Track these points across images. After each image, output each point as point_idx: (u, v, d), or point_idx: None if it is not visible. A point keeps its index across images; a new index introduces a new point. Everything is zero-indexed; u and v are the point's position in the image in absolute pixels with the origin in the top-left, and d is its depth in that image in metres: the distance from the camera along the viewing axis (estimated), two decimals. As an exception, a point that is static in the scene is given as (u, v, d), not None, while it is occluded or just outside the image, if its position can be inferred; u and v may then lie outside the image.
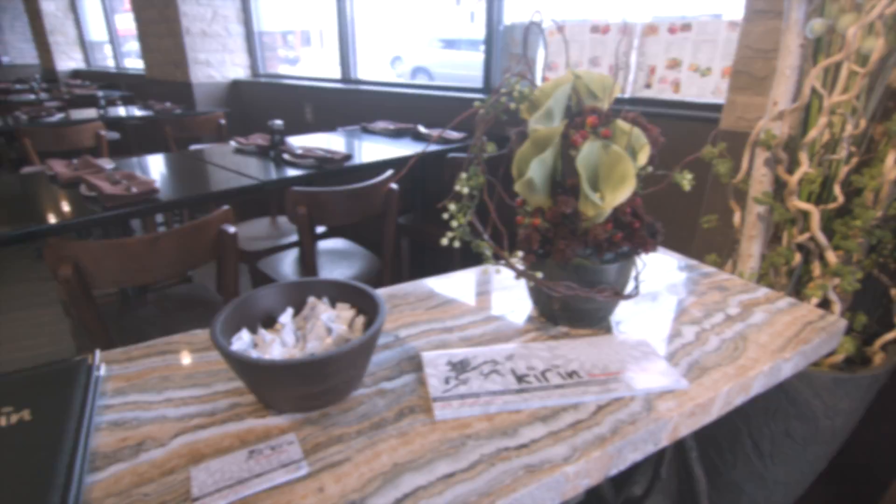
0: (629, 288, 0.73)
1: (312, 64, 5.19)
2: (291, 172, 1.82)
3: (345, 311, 0.62)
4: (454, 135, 2.42)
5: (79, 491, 0.45)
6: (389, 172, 1.69)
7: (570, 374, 0.62)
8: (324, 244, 2.07)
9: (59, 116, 3.24)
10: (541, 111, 0.64)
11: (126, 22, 5.96)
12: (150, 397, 0.58)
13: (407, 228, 2.35)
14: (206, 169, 1.91)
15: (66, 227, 1.30)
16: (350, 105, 3.27)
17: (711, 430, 1.32)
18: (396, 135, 2.56)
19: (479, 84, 2.73)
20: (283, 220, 2.42)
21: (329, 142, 2.38)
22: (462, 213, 0.64)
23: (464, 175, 0.64)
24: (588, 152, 0.63)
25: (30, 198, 1.53)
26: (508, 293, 0.84)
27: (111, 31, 6.02)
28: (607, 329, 0.75)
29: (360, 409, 0.56)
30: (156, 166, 1.93)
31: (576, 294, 0.65)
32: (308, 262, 1.62)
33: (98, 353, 0.62)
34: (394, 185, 1.69)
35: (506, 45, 2.62)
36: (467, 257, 2.43)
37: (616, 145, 0.64)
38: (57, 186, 1.58)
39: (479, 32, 2.71)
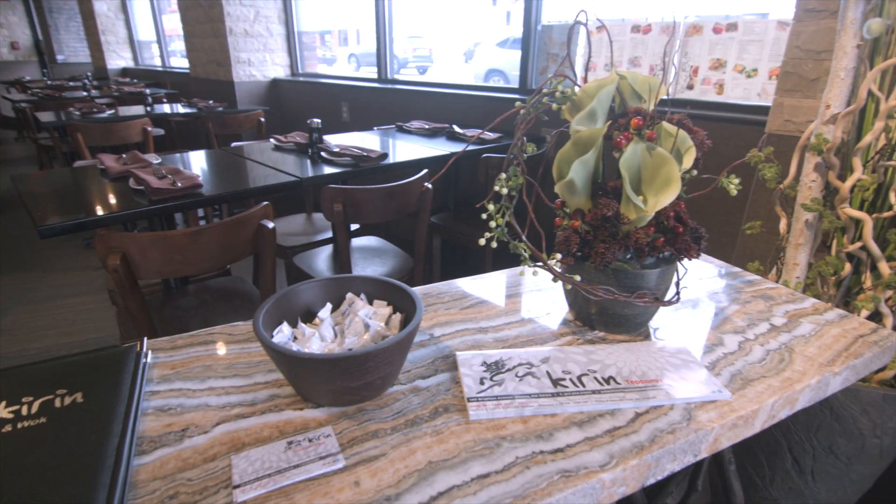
0: (669, 294, 0.71)
1: (348, 63, 5.27)
2: (328, 170, 1.85)
3: (382, 308, 0.62)
4: (489, 135, 2.42)
5: (127, 473, 0.47)
6: (424, 172, 1.70)
7: (607, 380, 0.61)
8: (357, 241, 2.10)
9: (108, 113, 3.38)
10: (583, 112, 0.63)
11: (173, 22, 6.18)
12: (194, 385, 0.60)
13: (439, 227, 2.35)
14: (247, 165, 1.96)
15: (115, 219, 1.36)
16: (386, 104, 3.31)
17: (749, 443, 1.28)
18: (431, 134, 2.57)
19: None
20: (318, 216, 2.47)
21: (365, 141, 2.41)
22: (501, 214, 0.63)
23: (503, 175, 0.64)
24: (631, 154, 0.61)
25: (81, 190, 1.61)
26: (543, 295, 0.84)
27: (159, 31, 6.25)
28: (645, 335, 0.73)
29: (396, 406, 0.56)
30: (198, 162, 1.99)
31: (615, 299, 0.64)
32: (343, 259, 1.65)
33: (146, 341, 0.64)
34: (428, 185, 1.70)
35: (543, 44, 2.60)
36: (499, 258, 2.42)
37: (661, 148, 0.62)
38: (107, 180, 1.65)
39: (516, 33, 2.70)
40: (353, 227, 2.36)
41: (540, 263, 0.66)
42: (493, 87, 2.88)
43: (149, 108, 3.58)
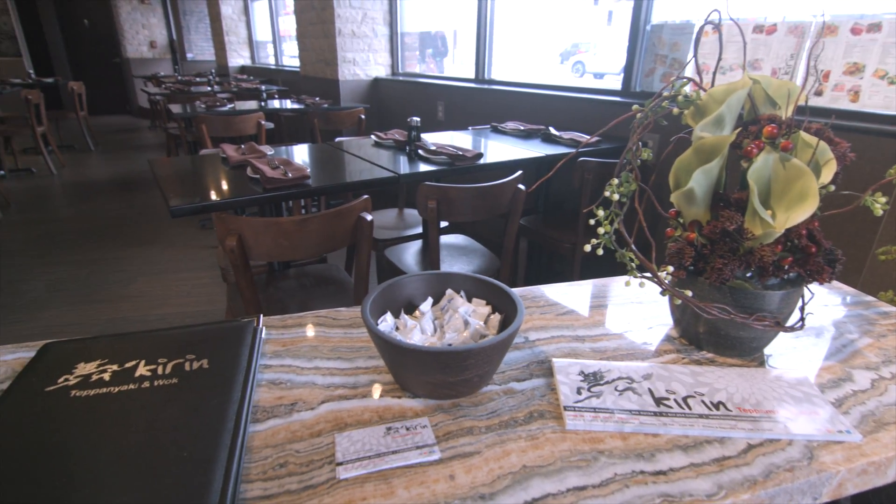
0: (792, 319, 0.65)
1: (444, 63, 5.34)
2: (424, 167, 1.89)
3: (481, 307, 0.63)
4: (586, 138, 2.35)
5: (244, 437, 0.51)
6: (519, 173, 1.68)
7: (717, 405, 0.57)
8: (445, 238, 2.13)
9: (228, 107, 3.70)
10: (709, 118, 0.59)
11: (287, 24, 6.63)
12: (302, 363, 0.64)
13: (527, 230, 2.33)
14: (348, 159, 2.06)
15: (234, 204, 1.48)
16: (482, 104, 3.32)
17: (868, 495, 1.14)
18: (526, 136, 2.55)
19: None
20: (409, 212, 2.53)
21: (460, 140, 2.44)
22: (609, 221, 0.61)
23: (615, 181, 0.62)
24: (762, 165, 0.57)
25: (204, 175, 1.77)
26: (644, 308, 0.80)
27: (274, 32, 6.74)
28: (759, 361, 0.67)
29: (490, 405, 0.57)
30: (305, 155, 2.12)
31: (730, 319, 0.59)
32: (432, 255, 1.68)
33: (262, 318, 0.70)
34: (521, 186, 1.68)
35: (652, 45, 2.48)
36: (588, 266, 2.34)
37: (797, 159, 0.57)
38: (227, 167, 1.81)
39: (617, 33, 2.60)
40: (442, 224, 2.40)
41: (648, 274, 0.63)
42: (593, 88, 2.79)
43: (263, 104, 3.87)
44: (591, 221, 0.61)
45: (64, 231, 3.74)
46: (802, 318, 0.65)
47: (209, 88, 5.21)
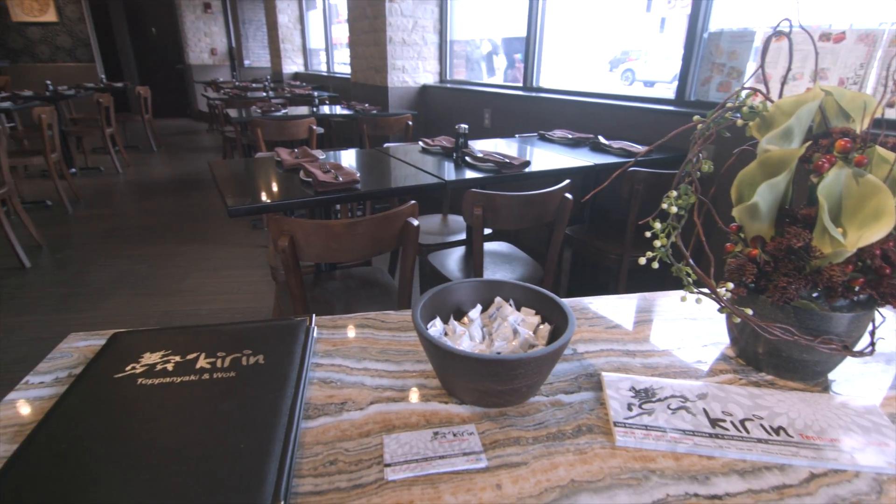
0: (861, 344, 0.62)
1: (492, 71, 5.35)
2: (470, 174, 1.90)
3: (530, 317, 0.62)
4: (637, 148, 2.30)
5: (296, 433, 0.52)
6: (566, 182, 1.67)
7: (776, 430, 0.55)
8: (488, 245, 2.13)
9: (282, 112, 3.83)
10: (777, 130, 0.57)
11: (339, 32, 6.82)
12: (351, 364, 0.65)
13: (572, 239, 2.29)
14: (396, 165, 2.09)
15: (289, 206, 1.54)
16: (529, 112, 3.31)
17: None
18: (574, 144, 2.52)
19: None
20: (453, 217, 2.55)
21: (506, 148, 2.44)
22: (666, 233, 0.60)
23: (673, 193, 0.60)
24: (834, 180, 0.54)
25: (259, 178, 1.84)
26: (698, 325, 0.77)
27: (327, 40, 6.94)
28: (824, 387, 0.64)
29: (538, 416, 0.56)
30: (354, 159, 2.17)
31: (794, 341, 0.57)
32: (475, 262, 1.68)
33: (314, 317, 0.72)
34: (568, 196, 1.66)
35: (709, 53, 2.41)
36: (633, 278, 2.27)
37: (871, 175, 0.54)
38: (280, 170, 1.88)
39: (670, 41, 2.53)
40: (486, 231, 2.40)
41: (705, 290, 0.61)
42: (644, 97, 2.73)
43: (314, 109, 3.98)
44: (648, 234, 0.60)
45: (126, 226, 3.96)
46: (873, 343, 0.61)
47: (264, 94, 5.41)
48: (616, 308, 0.82)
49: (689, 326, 0.77)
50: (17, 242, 3.14)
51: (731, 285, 0.58)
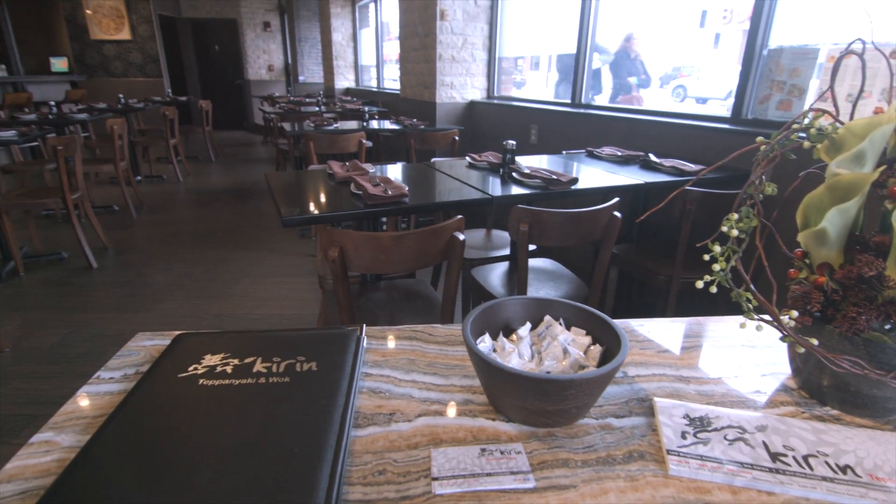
0: (941, 382, 0.57)
1: (537, 87, 5.33)
2: (517, 190, 1.90)
3: (581, 337, 0.62)
4: (689, 166, 2.24)
5: (347, 440, 0.54)
6: (616, 200, 1.64)
7: (843, 469, 0.52)
8: (532, 262, 2.11)
9: (333, 126, 3.96)
10: (848, 153, 0.54)
11: (390, 49, 7.00)
12: (399, 375, 0.66)
13: (618, 258, 2.25)
14: (441, 178, 2.12)
15: (339, 217, 1.58)
16: (576, 129, 3.28)
17: None
18: (624, 162, 2.48)
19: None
20: (496, 233, 2.55)
21: (553, 164, 2.43)
22: (726, 257, 0.58)
23: (734, 215, 0.59)
24: (912, 207, 0.51)
25: (312, 189, 1.91)
26: (756, 354, 0.74)
27: (378, 57, 7.13)
28: (895, 425, 0.60)
29: (587, 439, 0.55)
30: (402, 173, 2.21)
31: (864, 375, 0.54)
32: (520, 278, 1.67)
33: (364, 327, 0.73)
34: (617, 214, 1.64)
35: (768, 70, 2.33)
36: (682, 301, 2.19)
37: (955, 202, 0.51)
38: (332, 182, 1.94)
39: (725, 57, 2.46)
40: (531, 247, 2.38)
41: (766, 317, 0.58)
42: (697, 114, 2.66)
43: (364, 124, 4.09)
44: (706, 257, 0.59)
45: (184, 232, 4.17)
46: (955, 382, 0.57)
47: (317, 108, 5.61)
48: (667, 332, 0.80)
49: (746, 354, 0.74)
50: (86, 244, 3.36)
51: (795, 313, 0.56)
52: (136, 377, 0.66)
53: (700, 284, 0.59)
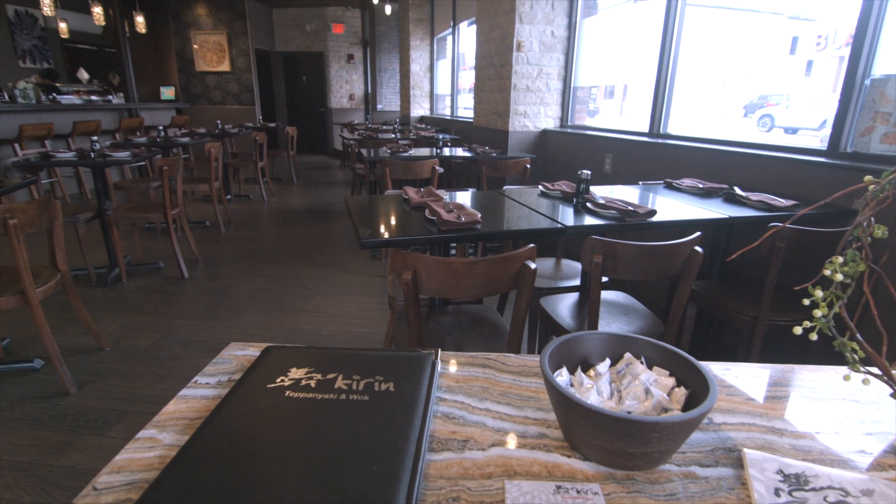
0: None
1: (611, 116, 5.25)
2: (590, 220, 1.87)
3: (664, 378, 0.60)
4: (779, 201, 2.11)
5: (422, 463, 0.55)
6: (697, 235, 1.57)
7: (972, 550, 0.46)
8: (604, 294, 2.06)
9: (409, 153, 4.09)
10: (976, 197, 0.50)
11: (464, 78, 7.18)
12: (473, 402, 0.67)
13: (697, 295, 2.13)
14: (511, 206, 2.13)
15: (413, 242, 1.63)
16: (654, 159, 3.19)
17: None
18: (706, 195, 2.37)
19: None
20: (566, 262, 2.51)
21: (629, 195, 2.37)
22: (828, 303, 0.54)
23: (838, 259, 0.55)
24: None
25: (387, 213, 1.98)
26: (860, 409, 0.68)
27: (453, 86, 7.34)
28: None
29: (669, 486, 0.53)
30: (472, 200, 2.25)
31: None
32: (592, 311, 1.63)
33: (440, 352, 0.75)
34: (699, 249, 1.56)
35: (871, 101, 2.16)
36: (767, 345, 2.04)
37: None
38: (407, 207, 2.00)
39: (818, 85, 2.31)
40: (603, 279, 2.32)
41: (874, 370, 0.54)
42: (788, 146, 2.51)
43: (437, 151, 4.21)
44: (806, 301, 0.55)
45: (266, 248, 4.43)
46: None
47: (393, 135, 5.83)
48: (757, 378, 0.75)
49: (849, 409, 0.68)
50: (181, 256, 3.66)
51: (911, 369, 0.51)
52: (228, 384, 0.71)
53: (798, 330, 0.55)
